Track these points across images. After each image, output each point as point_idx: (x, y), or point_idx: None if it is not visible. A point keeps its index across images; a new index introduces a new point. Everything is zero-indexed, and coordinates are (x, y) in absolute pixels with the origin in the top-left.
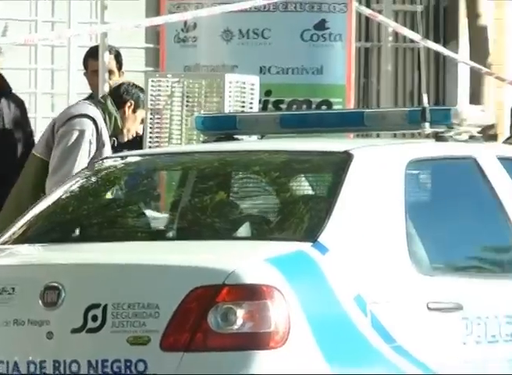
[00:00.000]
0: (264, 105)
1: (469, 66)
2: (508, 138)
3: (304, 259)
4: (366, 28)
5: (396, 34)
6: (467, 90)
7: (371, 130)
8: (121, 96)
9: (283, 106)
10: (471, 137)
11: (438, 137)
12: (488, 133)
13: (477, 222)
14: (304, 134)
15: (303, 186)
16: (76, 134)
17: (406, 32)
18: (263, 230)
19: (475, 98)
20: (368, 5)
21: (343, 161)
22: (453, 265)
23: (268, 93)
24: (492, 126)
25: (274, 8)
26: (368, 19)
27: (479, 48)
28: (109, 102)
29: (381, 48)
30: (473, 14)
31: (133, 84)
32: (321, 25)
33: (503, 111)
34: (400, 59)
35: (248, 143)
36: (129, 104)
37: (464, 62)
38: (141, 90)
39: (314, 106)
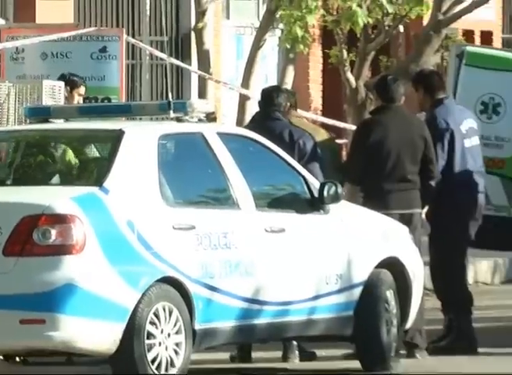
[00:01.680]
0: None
1: (198, 74)
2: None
3: (93, 198)
4: (132, 51)
5: (151, 55)
6: (196, 89)
7: (136, 116)
8: None
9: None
10: (200, 120)
11: (178, 120)
12: (210, 117)
13: (204, 174)
14: (94, 118)
15: (93, 151)
16: None
17: (157, 53)
18: (68, 179)
19: (202, 94)
20: (133, 36)
21: (118, 135)
22: (189, 200)
23: None
24: (212, 113)
25: (73, 39)
26: (133, 45)
27: (204, 63)
28: None
29: (142, 64)
30: (200, 41)
31: None
32: (103, 49)
33: (220, 103)
34: (154, 71)
35: (58, 124)
36: None
37: (195, 72)
38: None
39: (99, 100)
